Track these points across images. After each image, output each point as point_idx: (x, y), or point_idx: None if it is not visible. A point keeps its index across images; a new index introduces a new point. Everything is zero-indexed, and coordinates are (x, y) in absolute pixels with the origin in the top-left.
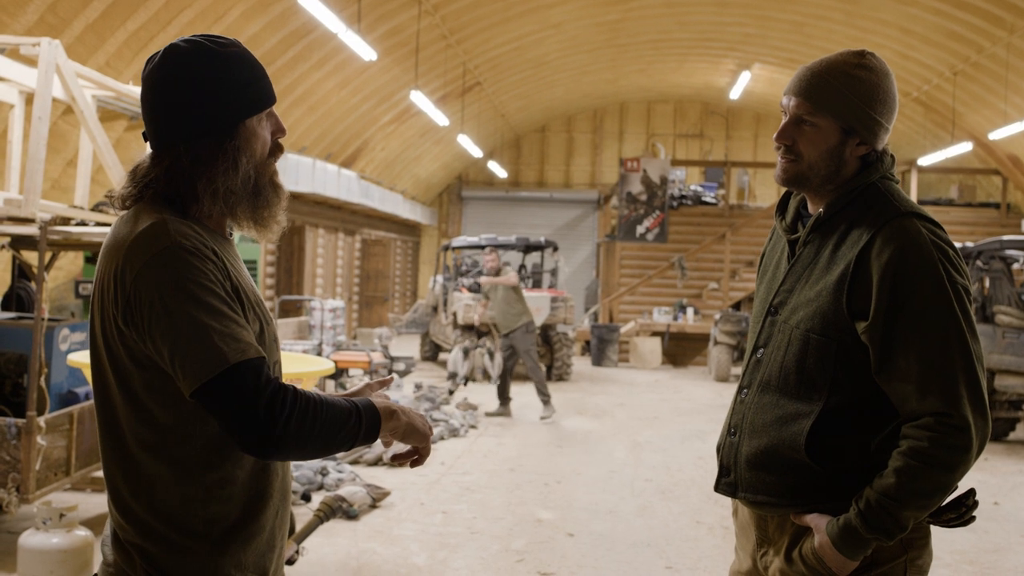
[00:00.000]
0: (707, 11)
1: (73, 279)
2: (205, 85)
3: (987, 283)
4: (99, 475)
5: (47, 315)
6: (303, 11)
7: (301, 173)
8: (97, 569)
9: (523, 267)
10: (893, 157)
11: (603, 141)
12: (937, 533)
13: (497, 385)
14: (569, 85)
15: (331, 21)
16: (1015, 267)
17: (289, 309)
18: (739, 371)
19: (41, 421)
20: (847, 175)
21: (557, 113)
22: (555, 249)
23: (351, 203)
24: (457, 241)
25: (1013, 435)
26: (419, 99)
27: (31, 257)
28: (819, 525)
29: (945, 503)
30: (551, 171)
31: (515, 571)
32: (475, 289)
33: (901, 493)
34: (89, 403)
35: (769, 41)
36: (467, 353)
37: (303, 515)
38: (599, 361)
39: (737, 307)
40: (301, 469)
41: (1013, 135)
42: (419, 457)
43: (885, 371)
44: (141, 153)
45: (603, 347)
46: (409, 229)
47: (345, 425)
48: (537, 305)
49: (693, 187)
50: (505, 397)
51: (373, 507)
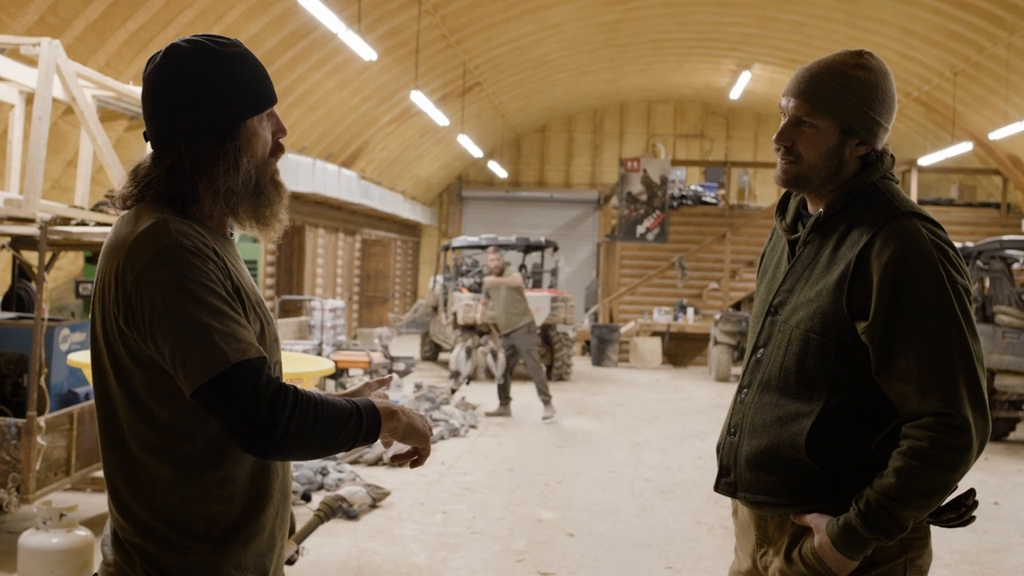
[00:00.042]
0: (707, 11)
1: (73, 279)
2: (206, 85)
3: (987, 283)
4: (99, 475)
5: (47, 315)
6: (303, 11)
7: (301, 173)
8: (97, 569)
9: (523, 267)
10: (893, 157)
11: (603, 141)
12: (937, 533)
13: (498, 385)
14: (569, 85)
15: (331, 21)
16: (1015, 267)
17: (289, 309)
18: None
19: (41, 421)
20: (847, 175)
21: (557, 113)
22: (555, 249)
23: (351, 203)
24: (457, 241)
25: (1013, 435)
26: (419, 99)
27: (31, 257)
28: (819, 525)
29: (945, 503)
30: (551, 171)
31: (515, 571)
32: (475, 289)
33: (901, 493)
34: (89, 403)
35: (769, 41)
36: (470, 352)
37: (303, 515)
38: (599, 361)
39: (737, 307)
40: (301, 469)
41: (1013, 135)
42: (419, 457)
43: (885, 371)
44: (141, 153)
45: (603, 347)
46: (409, 229)
47: (346, 425)
48: (537, 305)
49: (693, 187)
50: (505, 397)
51: (373, 507)
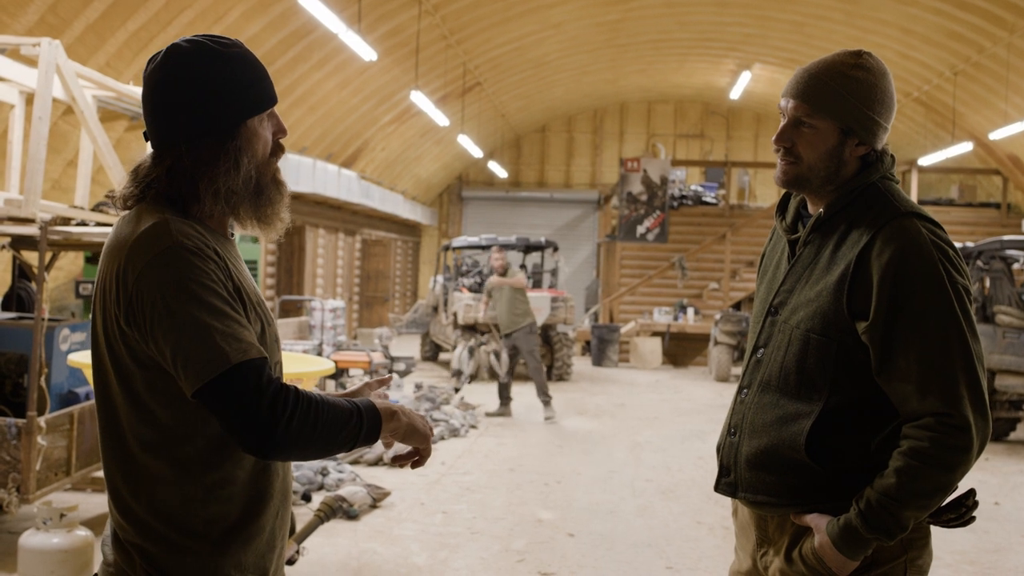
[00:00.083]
0: (707, 11)
1: (73, 279)
2: (207, 85)
3: (987, 283)
4: (99, 475)
5: (47, 315)
6: (303, 11)
7: (302, 173)
8: (97, 569)
9: (523, 267)
10: (893, 157)
11: (603, 141)
12: (937, 533)
13: (499, 385)
14: (569, 85)
15: (331, 21)
16: (1015, 267)
17: (289, 309)
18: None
19: (41, 421)
20: (847, 175)
21: (557, 113)
22: (555, 249)
23: (351, 203)
24: (457, 241)
25: (1014, 435)
26: (419, 99)
27: (31, 257)
28: (819, 525)
29: (945, 503)
30: (551, 171)
31: (515, 571)
32: (475, 289)
33: (901, 493)
34: (89, 403)
35: (769, 41)
36: (472, 352)
37: (303, 515)
38: (599, 361)
39: (737, 307)
40: (301, 469)
41: (1013, 135)
42: (420, 458)
43: (885, 371)
44: (142, 153)
45: (603, 347)
46: (409, 229)
47: (346, 426)
48: (537, 305)
49: (693, 187)
50: (506, 397)
51: (373, 507)
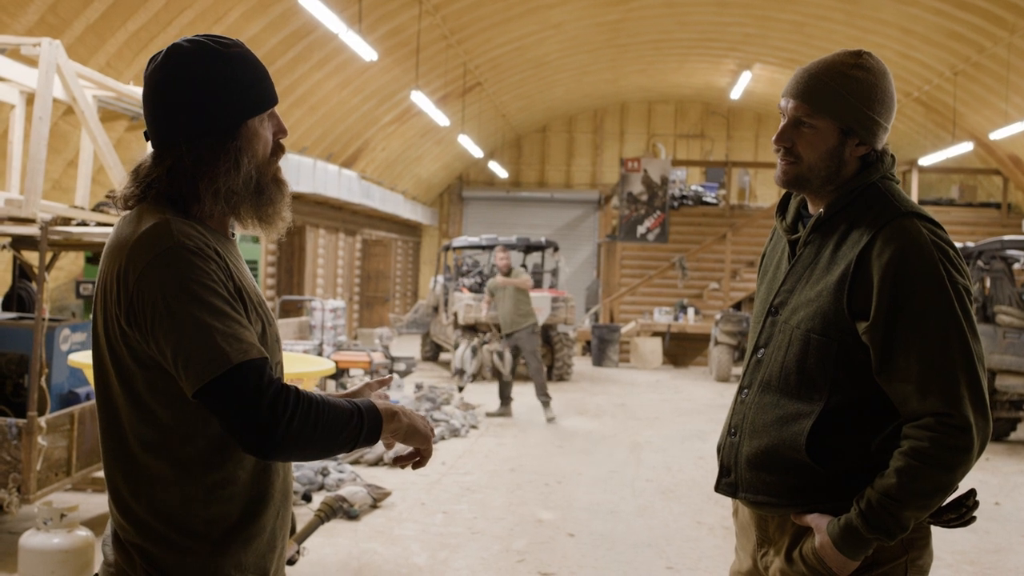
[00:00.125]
0: (708, 11)
1: (74, 279)
2: (207, 85)
3: (988, 283)
4: (100, 475)
5: (48, 315)
6: (304, 11)
7: (302, 173)
8: (98, 569)
9: (524, 267)
10: (893, 157)
11: (604, 141)
12: (938, 533)
13: (500, 385)
14: (570, 85)
15: (332, 21)
16: (1016, 267)
17: (290, 309)
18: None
19: (42, 421)
20: (847, 175)
21: (558, 113)
22: (556, 249)
23: (352, 203)
24: (458, 241)
25: (1014, 435)
26: (420, 99)
27: (32, 257)
28: (820, 525)
29: (946, 503)
30: (552, 171)
31: (516, 571)
32: (476, 289)
33: (902, 493)
34: (90, 403)
35: (770, 41)
36: (475, 351)
37: (304, 515)
38: (600, 361)
39: (738, 307)
40: (302, 469)
41: (1014, 135)
42: (421, 459)
43: (886, 371)
44: (142, 153)
45: (604, 347)
46: (410, 229)
47: (347, 426)
48: (538, 305)
49: (694, 187)
50: (507, 397)
51: (374, 507)
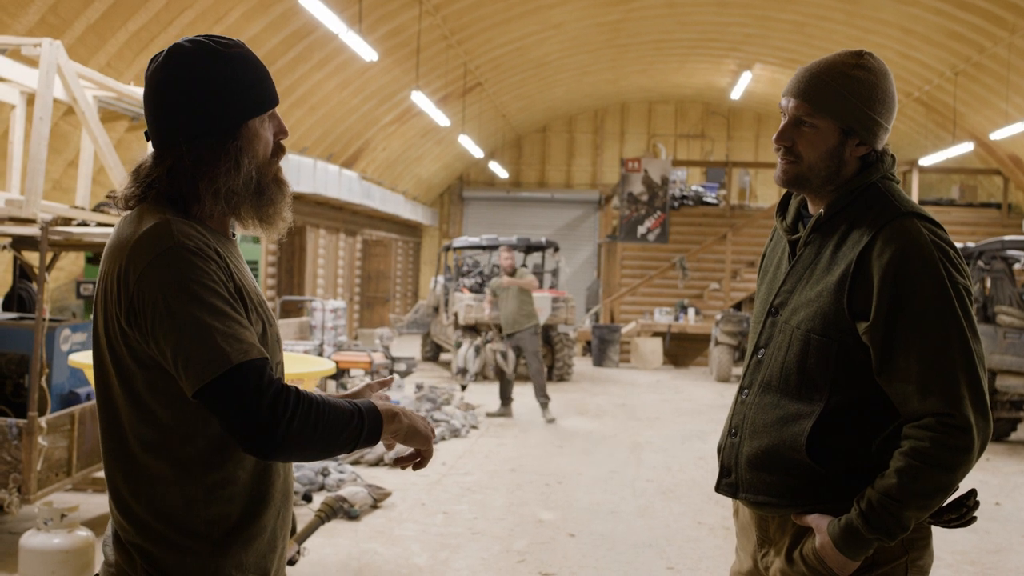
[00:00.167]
0: (708, 11)
1: (74, 279)
2: (208, 85)
3: (988, 283)
4: (100, 475)
5: (48, 315)
6: (304, 12)
7: (302, 173)
8: (99, 569)
9: (524, 267)
10: (893, 157)
11: (604, 141)
12: (938, 533)
13: (501, 385)
14: (570, 85)
15: (332, 22)
16: (1016, 267)
17: (290, 310)
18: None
19: (42, 421)
20: (847, 175)
21: (558, 113)
22: (556, 249)
23: (352, 203)
24: (458, 241)
25: (1014, 435)
26: (420, 99)
27: (32, 258)
28: (820, 525)
29: (946, 503)
30: (552, 171)
31: (516, 571)
32: (476, 289)
33: (902, 493)
34: (90, 403)
35: (770, 41)
36: (479, 350)
37: (304, 515)
38: (600, 361)
39: (738, 307)
40: (302, 469)
41: (1014, 135)
42: (421, 460)
43: (886, 372)
44: (142, 153)
45: (604, 347)
46: (410, 230)
47: (347, 427)
48: (538, 305)
49: (694, 187)
50: (507, 397)
51: (374, 507)
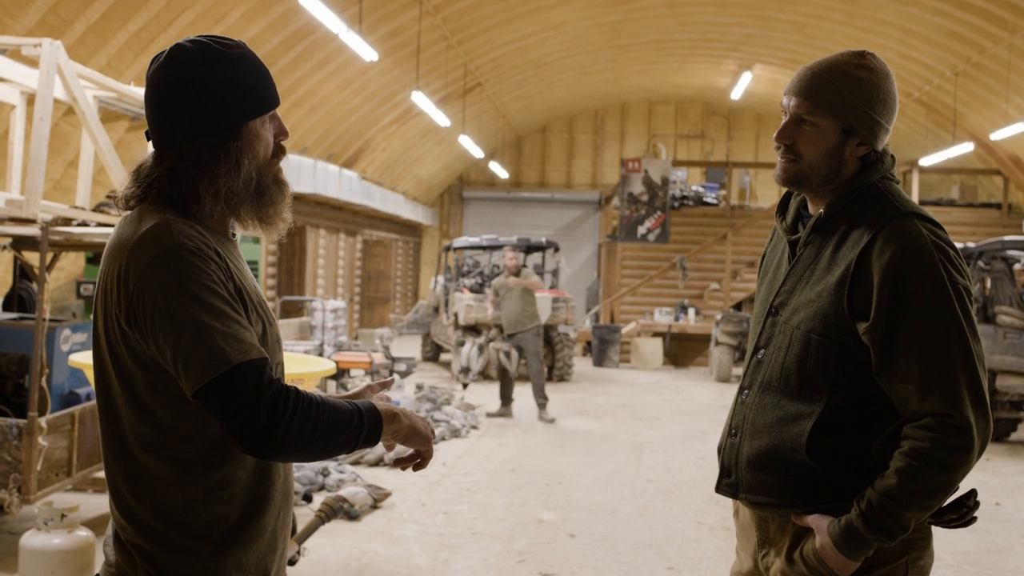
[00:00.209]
0: (708, 12)
1: (74, 279)
2: (209, 86)
3: (988, 284)
4: (101, 476)
5: (48, 316)
6: (304, 12)
7: (302, 174)
8: (99, 570)
9: (524, 266)
10: (893, 157)
11: (604, 142)
12: (939, 534)
13: (501, 385)
14: (570, 86)
15: (332, 22)
16: (1016, 267)
17: (290, 310)
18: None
19: (43, 422)
20: (847, 175)
21: (558, 114)
22: (556, 250)
23: (352, 204)
24: (458, 242)
25: (1015, 436)
26: (420, 100)
27: (32, 258)
28: (820, 526)
29: (946, 504)
30: (552, 172)
31: (516, 572)
32: (476, 290)
33: (902, 493)
34: (90, 404)
35: (770, 42)
36: (482, 349)
37: (305, 516)
38: (600, 362)
39: (738, 308)
40: (302, 470)
41: (1014, 135)
42: (421, 460)
43: (886, 372)
44: (143, 153)
45: (604, 348)
46: (410, 230)
47: (347, 427)
48: (539, 306)
49: (694, 187)
50: (507, 398)
51: (374, 508)
